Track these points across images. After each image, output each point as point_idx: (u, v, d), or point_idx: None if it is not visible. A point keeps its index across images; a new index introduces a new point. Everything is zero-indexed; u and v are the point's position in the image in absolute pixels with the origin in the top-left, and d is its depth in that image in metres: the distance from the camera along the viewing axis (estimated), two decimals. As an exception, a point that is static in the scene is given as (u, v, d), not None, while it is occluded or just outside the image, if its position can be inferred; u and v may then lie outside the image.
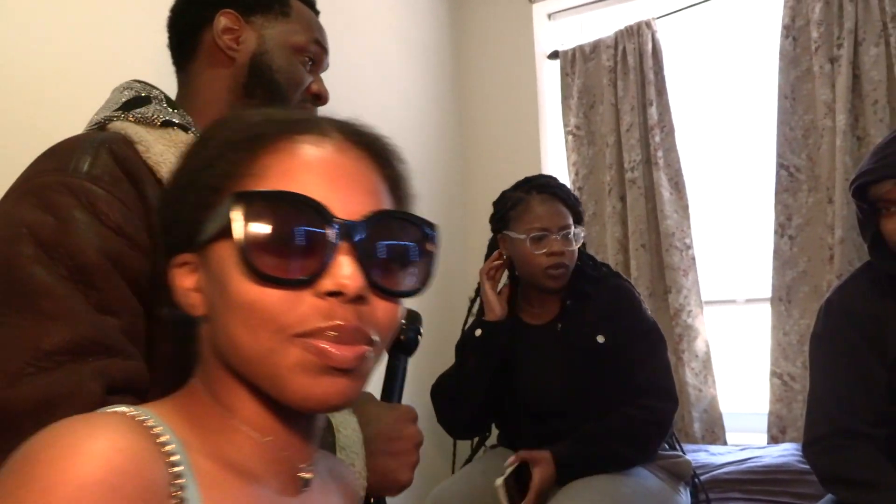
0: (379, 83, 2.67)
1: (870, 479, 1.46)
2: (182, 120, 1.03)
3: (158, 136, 0.97)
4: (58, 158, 0.89)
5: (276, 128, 0.62)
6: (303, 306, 0.57)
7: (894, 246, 1.55)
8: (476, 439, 2.24)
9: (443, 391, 2.12)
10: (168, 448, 0.54)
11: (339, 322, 0.57)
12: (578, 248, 2.06)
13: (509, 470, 1.81)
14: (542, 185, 2.03)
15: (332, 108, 2.72)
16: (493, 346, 2.00)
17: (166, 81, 1.16)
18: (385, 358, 0.98)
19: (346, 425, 0.84)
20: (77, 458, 0.48)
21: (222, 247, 0.58)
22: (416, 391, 2.67)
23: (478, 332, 2.02)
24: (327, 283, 0.57)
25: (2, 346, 0.74)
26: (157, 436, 0.54)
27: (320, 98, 1.16)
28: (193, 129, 1.03)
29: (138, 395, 0.80)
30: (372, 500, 0.87)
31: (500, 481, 1.77)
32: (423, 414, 2.69)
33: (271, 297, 0.56)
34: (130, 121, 0.99)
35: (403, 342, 0.97)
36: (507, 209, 2.04)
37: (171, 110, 1.03)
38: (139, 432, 0.53)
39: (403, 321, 0.92)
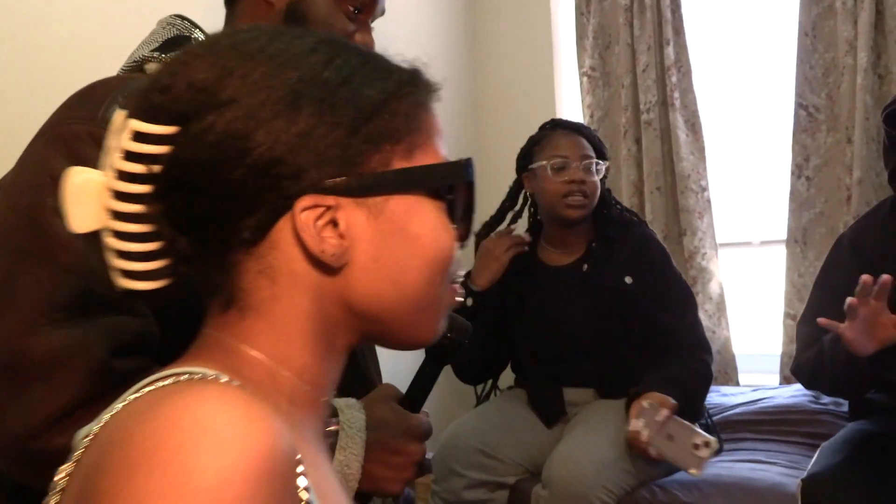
0: (388, 21, 2.63)
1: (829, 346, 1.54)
2: None
3: None
4: (90, 104, 0.88)
5: (426, 86, 0.67)
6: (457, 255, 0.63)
7: None
8: (489, 382, 2.27)
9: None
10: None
11: None
12: (605, 192, 2.08)
13: (642, 420, 1.71)
14: (566, 123, 2.11)
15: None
16: (486, 312, 2.02)
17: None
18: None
19: (353, 424, 0.84)
20: (228, 446, 0.43)
21: (409, 199, 0.59)
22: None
23: (468, 301, 2.04)
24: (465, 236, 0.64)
25: (22, 294, 0.76)
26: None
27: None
28: None
29: (148, 354, 0.80)
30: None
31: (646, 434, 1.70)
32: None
33: (455, 248, 0.62)
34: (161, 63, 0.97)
35: (444, 348, 0.91)
36: (531, 145, 2.09)
37: None
38: (263, 407, 0.47)
39: (451, 332, 0.90)
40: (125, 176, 0.54)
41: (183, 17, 1.06)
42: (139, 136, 0.54)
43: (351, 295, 0.58)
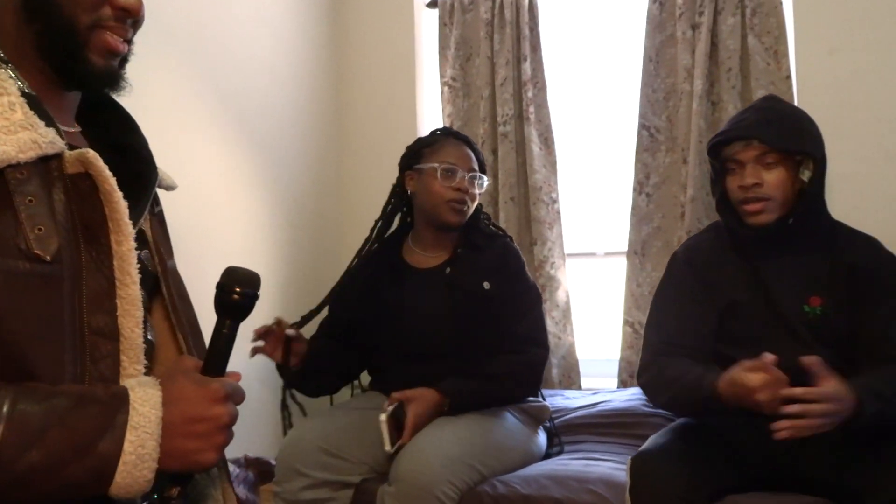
0: (251, 26, 2.58)
1: (679, 373, 1.66)
2: None
3: None
4: None
5: None
6: None
7: (735, 201, 1.74)
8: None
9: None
10: None
11: None
12: (477, 207, 2.15)
13: (391, 407, 1.86)
14: (457, 133, 2.21)
15: (202, 50, 2.62)
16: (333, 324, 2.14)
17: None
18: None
19: (146, 401, 0.81)
20: None
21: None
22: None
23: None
24: None
25: None
26: None
27: (129, 11, 0.95)
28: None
29: None
30: (179, 476, 0.85)
31: (383, 417, 1.82)
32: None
33: None
34: None
35: (234, 303, 0.88)
36: (422, 146, 2.14)
37: None
38: None
39: (238, 284, 0.88)
40: None
41: None
42: None
43: None
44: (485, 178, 2.13)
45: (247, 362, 2.44)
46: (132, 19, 0.97)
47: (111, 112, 1.05)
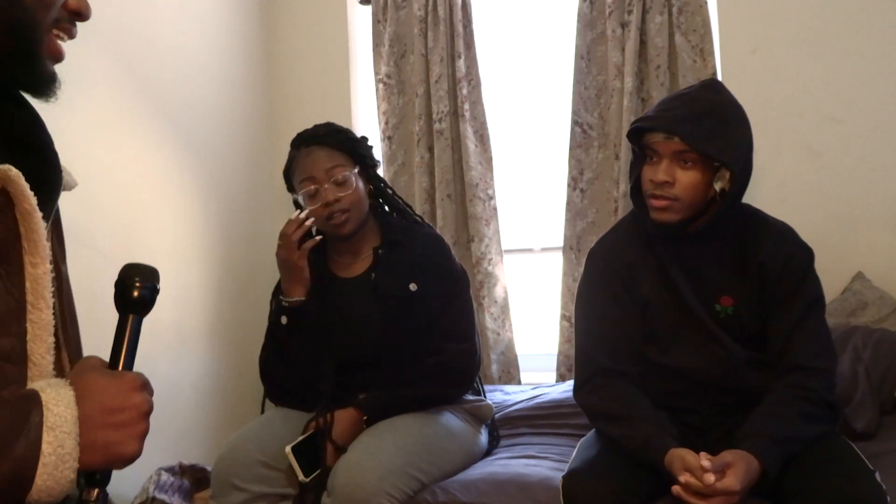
0: (183, 21, 2.52)
1: (625, 414, 1.63)
2: None
3: None
4: None
5: None
6: None
7: (645, 193, 1.67)
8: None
9: (275, 380, 2.06)
10: None
11: None
12: (383, 193, 2.09)
13: (299, 438, 1.82)
14: (309, 137, 2.02)
15: (125, 43, 2.54)
16: (304, 327, 1.97)
17: None
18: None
19: (59, 401, 0.78)
20: None
21: None
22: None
23: (283, 319, 1.98)
24: None
25: None
26: None
27: (80, 15, 0.94)
28: None
29: None
30: (97, 477, 0.81)
31: (288, 448, 1.79)
32: (222, 360, 2.60)
33: None
34: None
35: (135, 299, 0.85)
36: (287, 170, 2.05)
37: None
38: None
39: (138, 278, 0.86)
40: None
41: None
42: None
43: None
44: (351, 170, 1.96)
45: (178, 368, 2.40)
46: (80, 21, 0.93)
47: (15, 106, 0.99)
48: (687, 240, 1.69)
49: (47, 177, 0.94)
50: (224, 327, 2.60)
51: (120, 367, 0.86)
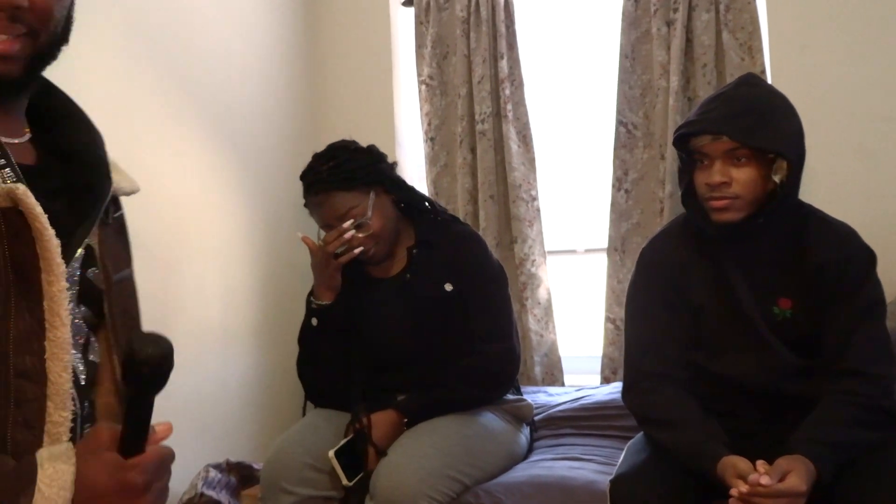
0: (226, 26, 2.56)
1: (675, 419, 1.60)
2: None
3: None
4: None
5: None
6: None
7: (702, 197, 1.64)
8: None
9: (310, 382, 2.09)
10: None
11: None
12: (411, 197, 2.08)
13: (342, 442, 1.84)
14: (315, 183, 1.99)
15: (173, 49, 2.58)
16: (334, 329, 1.99)
17: None
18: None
19: (54, 482, 0.74)
20: None
21: None
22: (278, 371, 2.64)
23: (314, 321, 2.00)
24: None
25: None
26: None
27: (18, 8, 0.86)
28: None
29: None
30: None
31: (331, 452, 1.80)
32: (266, 359, 2.63)
33: None
34: None
35: (149, 379, 0.76)
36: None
37: None
38: None
39: (153, 353, 0.76)
40: None
41: None
42: None
43: None
44: (367, 203, 1.93)
45: (224, 368, 2.43)
46: (10, 13, 0.86)
47: (64, 114, 0.99)
48: (744, 241, 1.66)
49: (90, 183, 0.95)
50: (268, 327, 2.63)
51: (129, 451, 0.79)
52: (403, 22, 3.01)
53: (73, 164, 0.94)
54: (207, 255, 2.39)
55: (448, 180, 2.86)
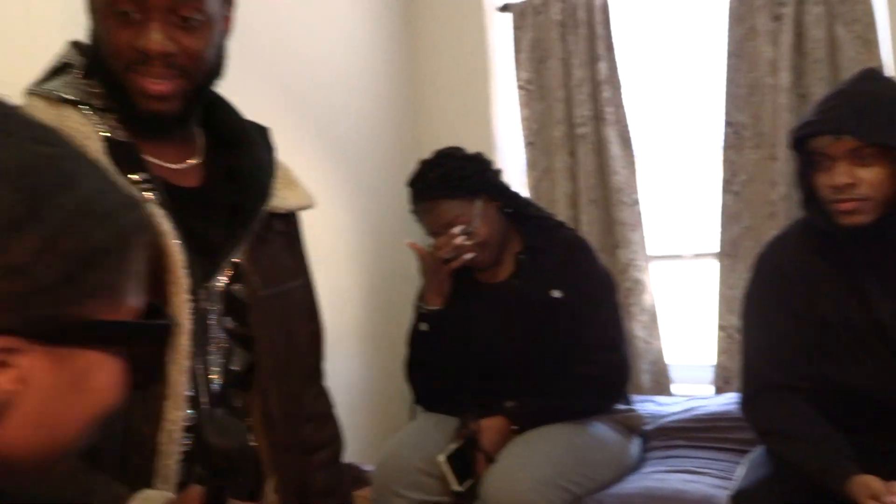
0: (324, 33, 2.61)
1: (800, 433, 1.53)
2: (78, 96, 0.97)
3: (56, 114, 0.93)
4: None
5: (149, 230, 0.57)
6: None
7: (825, 200, 1.55)
8: None
9: (419, 386, 2.11)
10: None
11: None
12: (521, 201, 2.07)
13: (452, 447, 1.84)
14: (423, 190, 2.01)
15: (276, 55, 2.65)
16: (443, 334, 2.00)
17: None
18: None
19: None
20: None
21: (100, 353, 0.53)
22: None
23: (422, 325, 2.02)
24: None
25: None
26: None
27: (146, 53, 0.94)
28: (87, 106, 0.97)
29: None
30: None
31: (442, 457, 1.81)
32: (373, 362, 2.67)
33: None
34: (38, 95, 0.96)
35: (224, 471, 0.78)
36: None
37: (81, 81, 0.98)
38: None
39: (224, 437, 0.79)
40: None
41: (77, 43, 1.02)
42: None
43: None
44: (473, 210, 1.94)
45: (333, 370, 2.47)
46: (164, 60, 0.95)
47: (239, 136, 1.07)
48: (878, 244, 1.56)
49: (244, 203, 1.02)
50: (374, 330, 2.67)
51: None
52: (500, 27, 3.01)
53: (236, 184, 0.99)
54: (314, 259, 2.44)
55: (548, 185, 2.83)
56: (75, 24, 1.03)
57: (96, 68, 0.98)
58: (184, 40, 0.95)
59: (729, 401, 2.24)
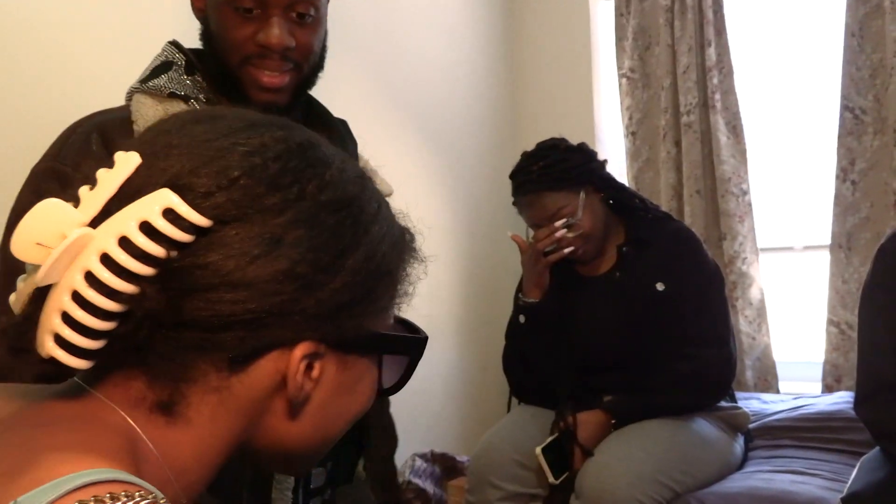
0: (425, 26, 2.64)
1: None
2: (185, 90, 1.03)
3: (163, 109, 0.99)
4: (57, 143, 0.95)
5: (417, 250, 0.64)
6: None
7: None
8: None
9: (516, 378, 2.10)
10: None
11: None
12: (622, 195, 2.03)
13: (549, 439, 1.82)
14: (519, 185, 1.97)
15: (377, 50, 2.71)
16: (541, 327, 1.99)
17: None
18: None
19: None
20: None
21: (371, 360, 0.60)
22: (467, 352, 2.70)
23: (521, 318, 2.01)
24: None
25: None
26: None
27: (266, 47, 1.01)
28: (194, 98, 1.03)
29: None
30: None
31: (538, 450, 1.80)
32: (469, 354, 2.70)
33: None
34: (145, 92, 1.02)
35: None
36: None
37: (184, 77, 1.03)
38: None
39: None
40: (133, 249, 0.47)
41: (173, 43, 1.08)
42: (171, 215, 0.48)
43: (280, 429, 0.56)
44: (576, 203, 1.90)
45: (430, 362, 2.52)
46: (282, 54, 1.01)
47: (323, 128, 1.12)
48: None
49: None
50: (470, 323, 2.69)
51: None
52: (603, 15, 2.95)
53: None
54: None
55: (651, 175, 2.76)
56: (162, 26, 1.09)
57: (204, 64, 1.05)
58: (299, 35, 1.02)
59: (839, 400, 2.13)
